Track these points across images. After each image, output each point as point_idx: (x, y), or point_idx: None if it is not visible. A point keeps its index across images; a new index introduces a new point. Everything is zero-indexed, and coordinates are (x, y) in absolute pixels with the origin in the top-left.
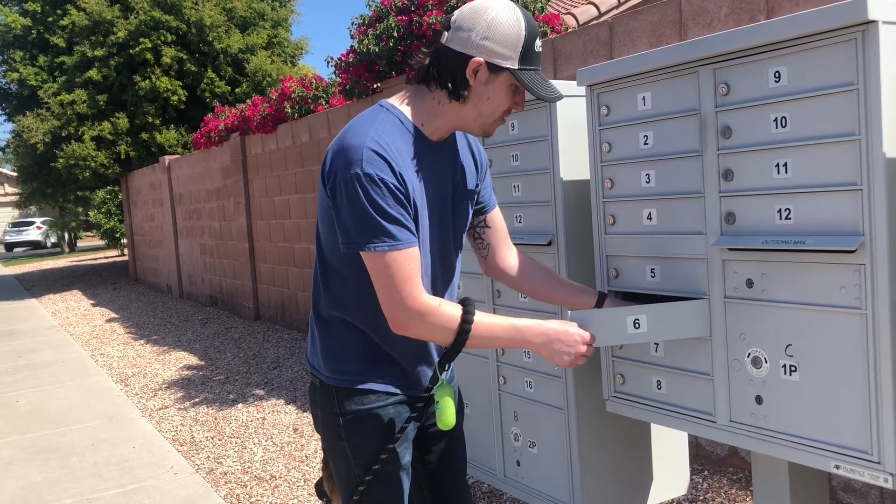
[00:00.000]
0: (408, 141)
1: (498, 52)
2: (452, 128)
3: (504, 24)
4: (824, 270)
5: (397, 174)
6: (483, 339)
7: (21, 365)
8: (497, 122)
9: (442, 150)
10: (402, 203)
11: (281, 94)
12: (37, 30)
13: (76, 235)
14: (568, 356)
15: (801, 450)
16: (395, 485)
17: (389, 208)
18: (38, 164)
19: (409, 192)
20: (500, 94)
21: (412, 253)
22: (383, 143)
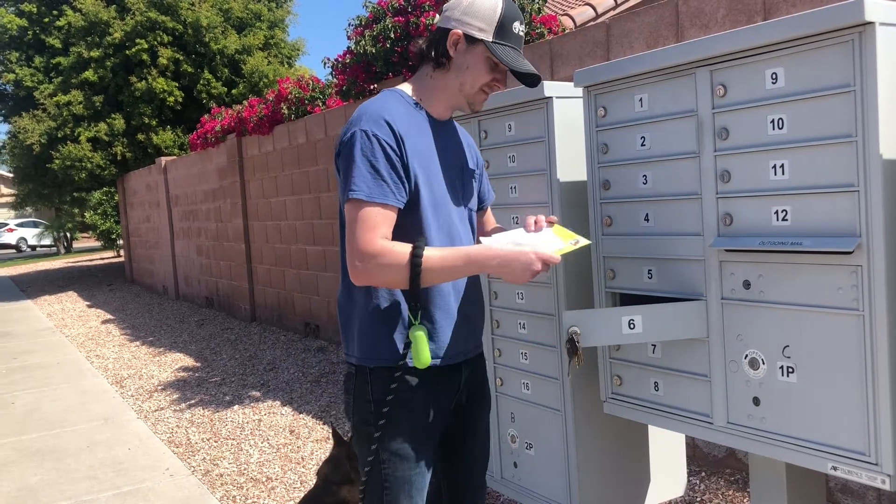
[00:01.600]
0: (411, 112)
1: (475, 25)
2: (443, 101)
3: (482, 2)
4: (821, 272)
5: (397, 135)
6: (439, 272)
7: (16, 366)
8: (480, 96)
9: (444, 127)
10: (392, 162)
11: (277, 96)
12: (33, 31)
13: (72, 237)
14: (526, 272)
15: (798, 451)
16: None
17: (377, 163)
18: (34, 165)
19: (406, 155)
20: (478, 65)
21: (383, 210)
22: (386, 109)
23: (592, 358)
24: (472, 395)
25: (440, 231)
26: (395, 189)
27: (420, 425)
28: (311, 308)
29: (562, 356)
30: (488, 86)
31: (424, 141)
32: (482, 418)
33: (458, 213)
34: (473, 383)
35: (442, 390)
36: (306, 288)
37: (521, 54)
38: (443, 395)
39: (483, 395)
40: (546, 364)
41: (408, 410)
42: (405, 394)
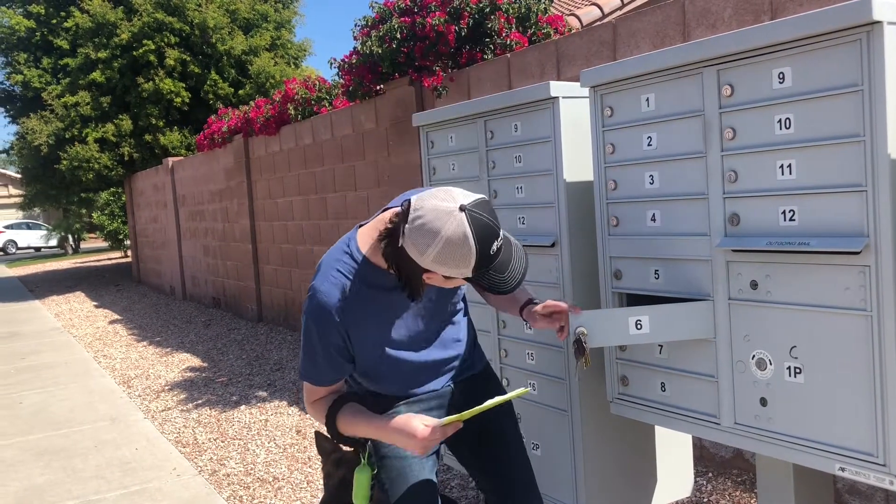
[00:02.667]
0: (367, 283)
1: (450, 272)
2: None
3: (453, 255)
4: (829, 272)
5: (336, 322)
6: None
7: (24, 366)
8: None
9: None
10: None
11: (284, 96)
12: (41, 32)
13: (80, 237)
14: (419, 450)
15: (805, 452)
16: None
17: (316, 352)
18: (41, 165)
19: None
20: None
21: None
22: (333, 292)
23: (599, 359)
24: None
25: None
26: (330, 377)
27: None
28: None
29: (569, 357)
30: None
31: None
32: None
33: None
34: (476, 391)
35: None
36: None
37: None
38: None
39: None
40: (552, 365)
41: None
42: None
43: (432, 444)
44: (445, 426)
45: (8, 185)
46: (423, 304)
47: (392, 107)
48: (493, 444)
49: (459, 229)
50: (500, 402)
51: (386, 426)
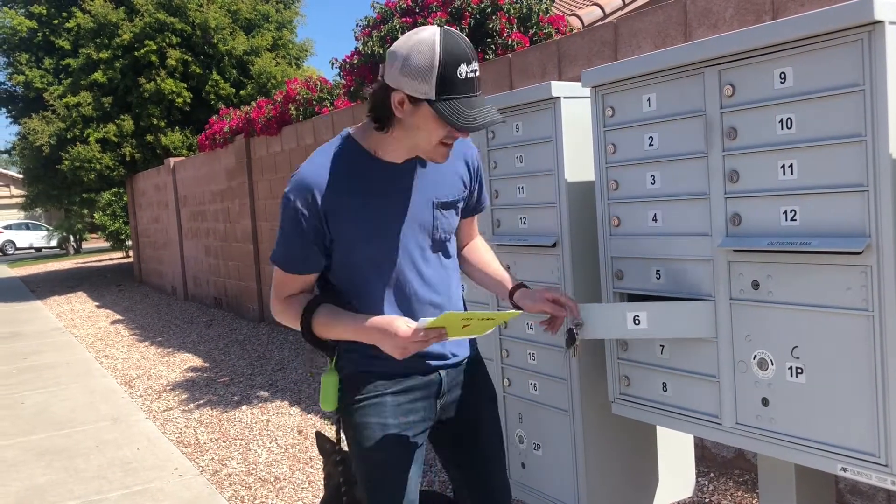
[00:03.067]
0: (357, 166)
1: (415, 86)
2: (399, 151)
3: (417, 57)
4: (831, 272)
5: (312, 199)
6: (326, 331)
7: (26, 366)
8: (439, 149)
9: (403, 168)
10: (305, 230)
11: (285, 97)
12: (42, 32)
13: (81, 237)
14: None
15: (807, 452)
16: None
17: (291, 235)
18: (43, 166)
19: (321, 217)
20: (429, 124)
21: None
22: (316, 175)
23: (600, 359)
24: (462, 394)
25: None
26: (302, 261)
27: (387, 423)
28: None
29: (570, 358)
30: (446, 138)
31: (365, 196)
32: (484, 417)
33: (419, 249)
34: (463, 384)
35: (414, 392)
36: None
37: (473, 99)
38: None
39: (476, 391)
40: (554, 365)
41: (374, 406)
42: (370, 391)
43: (413, 347)
44: (428, 330)
45: (10, 186)
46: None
47: None
48: (473, 455)
49: (430, 37)
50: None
51: (366, 324)
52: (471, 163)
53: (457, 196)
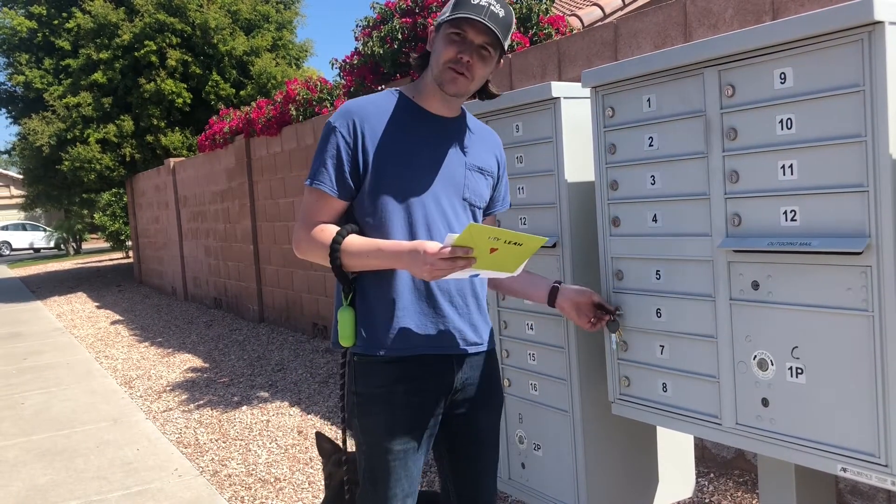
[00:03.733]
0: (396, 107)
1: (441, 15)
2: (431, 94)
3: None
4: (831, 272)
5: (357, 129)
6: (355, 258)
7: (26, 367)
8: (446, 73)
9: (449, 124)
10: (340, 157)
11: (285, 97)
12: (42, 33)
13: (81, 238)
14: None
15: (807, 452)
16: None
17: (326, 155)
18: (43, 166)
19: (364, 148)
20: (440, 44)
21: (322, 196)
22: (359, 104)
23: (600, 359)
24: (473, 397)
25: (409, 221)
26: (337, 181)
27: (397, 419)
28: (319, 309)
29: (571, 358)
30: (453, 62)
31: (405, 134)
32: (485, 423)
33: (449, 203)
34: (474, 384)
35: (425, 384)
36: (314, 289)
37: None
38: (426, 390)
39: (487, 398)
40: (554, 365)
41: (383, 402)
42: (381, 385)
43: (441, 265)
44: (456, 248)
45: (10, 186)
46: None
47: None
48: (469, 465)
49: None
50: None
51: (396, 247)
52: (500, 157)
53: (489, 168)
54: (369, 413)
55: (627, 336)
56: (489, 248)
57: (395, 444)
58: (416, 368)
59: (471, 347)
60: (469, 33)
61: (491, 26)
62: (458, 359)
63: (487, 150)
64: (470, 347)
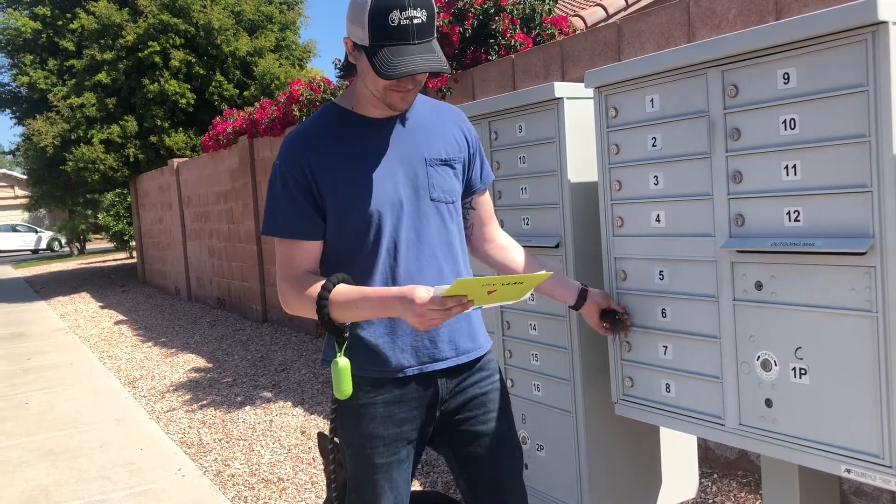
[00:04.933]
0: (339, 124)
1: (355, 32)
2: (369, 103)
3: (354, 4)
4: (834, 272)
5: (300, 160)
6: (343, 310)
7: (30, 367)
8: (391, 95)
9: (392, 125)
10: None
11: (289, 97)
12: (46, 33)
13: (85, 238)
14: (418, 320)
15: (811, 453)
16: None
17: (284, 200)
18: (47, 167)
19: (311, 177)
20: (370, 73)
21: (294, 243)
22: (301, 131)
23: (604, 360)
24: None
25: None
26: (303, 222)
27: (377, 433)
28: None
29: (574, 358)
30: (394, 86)
31: (351, 150)
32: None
33: (417, 209)
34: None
35: (406, 396)
36: None
37: (405, 47)
38: (407, 401)
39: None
40: (557, 365)
41: (363, 416)
42: (361, 398)
43: (433, 315)
44: (447, 298)
45: (14, 187)
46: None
47: None
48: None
49: None
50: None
51: (387, 294)
52: (466, 130)
53: (452, 156)
54: (350, 426)
55: (631, 336)
56: (485, 291)
57: (376, 457)
58: (396, 386)
59: (456, 360)
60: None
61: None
62: (442, 372)
63: (447, 133)
64: (454, 359)
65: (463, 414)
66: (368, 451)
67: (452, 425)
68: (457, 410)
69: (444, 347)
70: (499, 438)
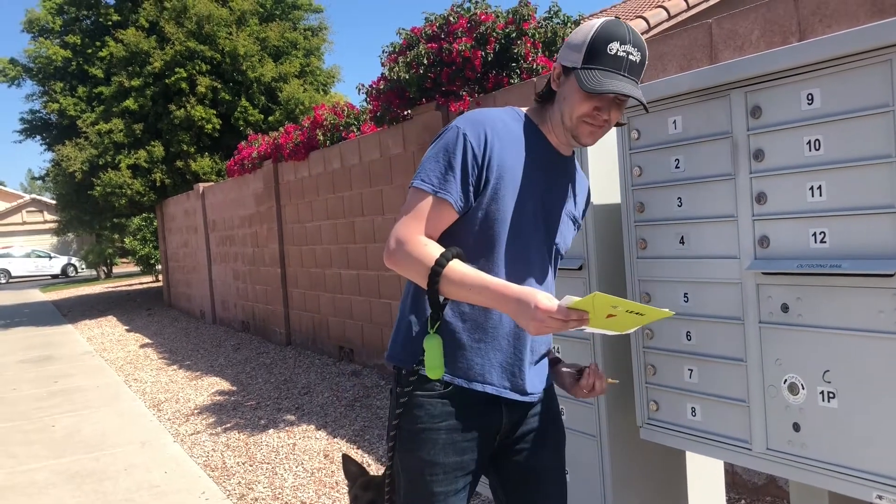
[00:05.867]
0: (521, 129)
1: (569, 55)
2: (556, 134)
3: (579, 31)
4: (862, 295)
5: (486, 137)
6: (456, 287)
7: (57, 390)
8: (583, 127)
9: (561, 162)
10: (468, 164)
11: (313, 122)
12: (76, 61)
13: (111, 262)
14: (533, 324)
15: (841, 479)
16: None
17: (456, 161)
18: (75, 192)
19: (487, 158)
20: (573, 95)
21: (438, 206)
22: (491, 118)
23: (628, 383)
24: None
25: (505, 252)
26: (463, 193)
27: (437, 461)
28: (346, 332)
29: None
30: (590, 116)
31: (528, 160)
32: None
33: (536, 247)
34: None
35: (470, 424)
36: (340, 312)
37: (617, 75)
38: (471, 429)
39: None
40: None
41: (425, 441)
42: (425, 422)
43: (551, 324)
44: (571, 309)
45: (43, 211)
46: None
47: (419, 131)
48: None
49: (597, 20)
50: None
51: (506, 289)
52: (589, 200)
53: (578, 217)
54: (410, 450)
55: (655, 359)
56: (606, 314)
57: (435, 485)
58: (462, 407)
59: (527, 397)
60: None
61: (633, 93)
62: (508, 403)
63: (581, 196)
64: (529, 397)
65: (519, 444)
66: (428, 478)
67: (506, 454)
68: (515, 441)
69: (529, 381)
70: (548, 472)
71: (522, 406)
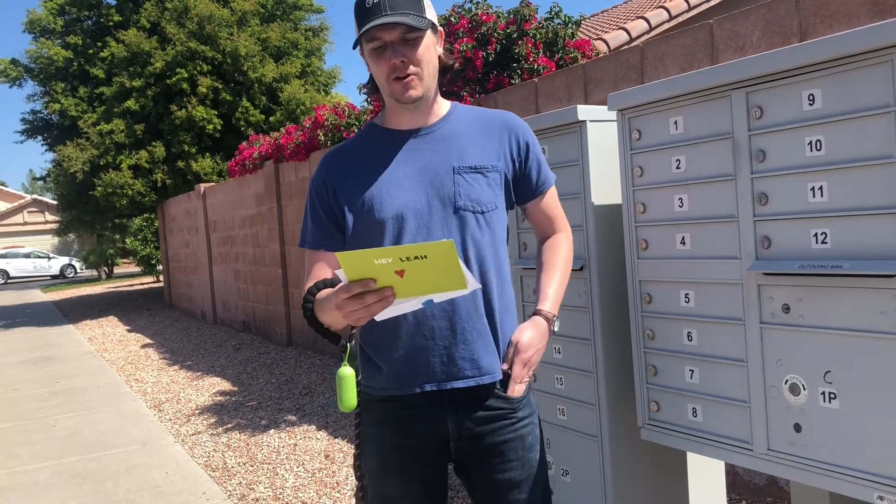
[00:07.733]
0: (370, 139)
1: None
2: (390, 110)
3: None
4: (863, 295)
5: (324, 179)
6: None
7: (58, 390)
8: (395, 85)
9: (419, 135)
10: (318, 207)
11: (314, 123)
12: (77, 62)
13: (112, 262)
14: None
15: (842, 479)
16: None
17: (308, 214)
18: (77, 192)
19: (332, 193)
20: (371, 64)
21: (313, 255)
22: (333, 153)
23: (629, 384)
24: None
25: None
26: (321, 234)
27: (387, 463)
28: None
29: (599, 383)
30: (391, 72)
31: (373, 162)
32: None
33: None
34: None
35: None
36: None
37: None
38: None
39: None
40: (582, 390)
41: (375, 445)
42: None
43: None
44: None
45: (44, 212)
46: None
47: None
48: None
49: None
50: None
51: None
52: (520, 139)
53: (485, 163)
54: (366, 452)
55: (656, 360)
56: (391, 270)
57: (388, 487)
58: (404, 409)
59: (475, 380)
60: (384, 36)
61: (394, 18)
62: (455, 400)
63: (489, 140)
64: (474, 380)
65: (483, 460)
66: (382, 478)
67: (474, 465)
68: (476, 455)
69: (469, 363)
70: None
71: (474, 399)
